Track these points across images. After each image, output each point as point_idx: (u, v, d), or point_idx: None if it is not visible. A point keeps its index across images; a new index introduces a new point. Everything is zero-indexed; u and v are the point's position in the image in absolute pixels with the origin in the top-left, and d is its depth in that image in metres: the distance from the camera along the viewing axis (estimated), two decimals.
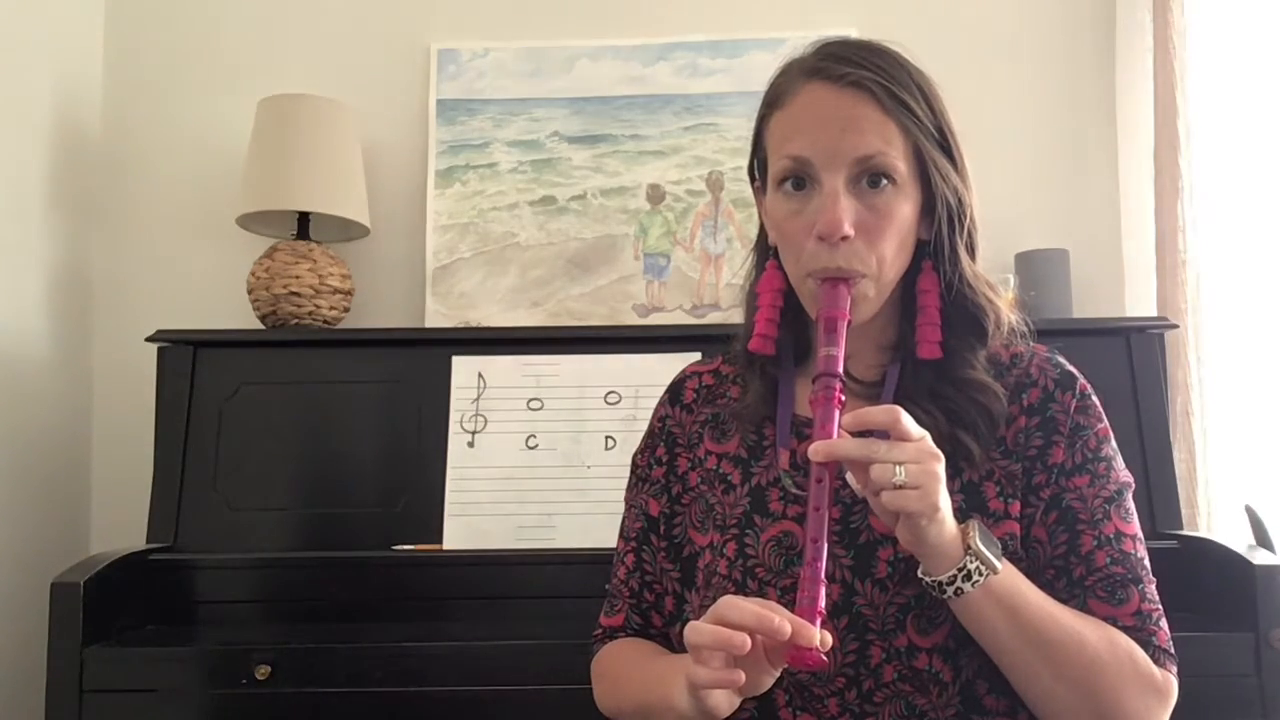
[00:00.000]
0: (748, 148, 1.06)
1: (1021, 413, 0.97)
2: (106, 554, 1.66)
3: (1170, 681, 0.91)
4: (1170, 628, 0.94)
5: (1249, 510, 1.67)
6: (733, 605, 0.80)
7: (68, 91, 2.16)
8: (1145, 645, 0.90)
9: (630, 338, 1.92)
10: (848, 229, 0.92)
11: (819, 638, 0.78)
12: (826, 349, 0.90)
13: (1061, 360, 1.01)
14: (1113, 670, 0.87)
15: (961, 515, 0.88)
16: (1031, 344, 1.02)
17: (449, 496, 1.79)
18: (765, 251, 1.05)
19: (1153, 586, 0.94)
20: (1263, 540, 1.63)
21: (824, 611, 0.81)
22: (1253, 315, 1.94)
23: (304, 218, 2.06)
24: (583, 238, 2.20)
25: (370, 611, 1.69)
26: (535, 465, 1.81)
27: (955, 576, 0.84)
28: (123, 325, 2.14)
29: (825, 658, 0.79)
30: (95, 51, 2.26)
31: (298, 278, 1.99)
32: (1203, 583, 1.59)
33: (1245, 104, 1.98)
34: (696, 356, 1.79)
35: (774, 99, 1.00)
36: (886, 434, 0.83)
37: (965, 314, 0.98)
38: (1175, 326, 1.89)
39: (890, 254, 0.95)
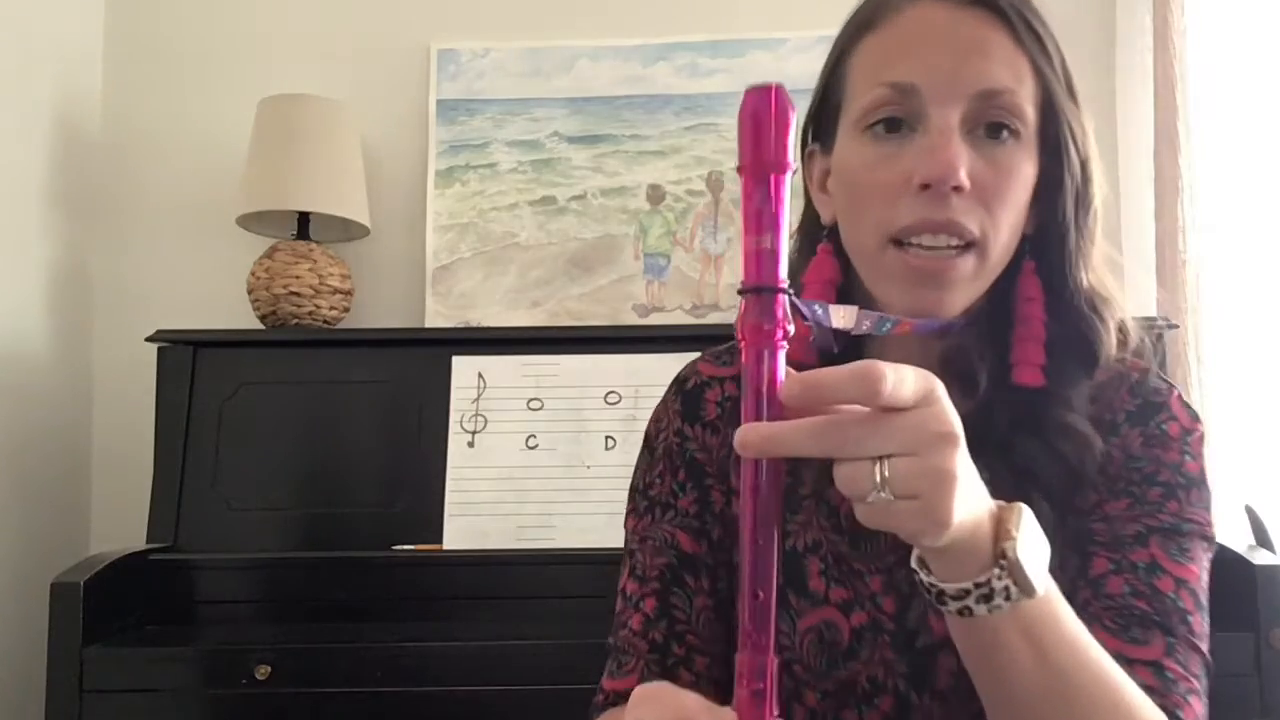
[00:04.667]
0: None
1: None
2: (106, 554, 1.66)
3: None
4: None
5: (1249, 510, 1.67)
6: (649, 706, 0.54)
7: (68, 91, 2.16)
8: (1169, 716, 0.65)
9: (630, 338, 1.92)
10: (963, 177, 0.69)
11: None
12: (755, 237, 0.54)
13: (1173, 405, 0.78)
14: None
15: None
16: (1165, 381, 0.80)
17: (449, 496, 1.78)
18: (815, 236, 0.81)
19: (1197, 659, 0.70)
20: (1263, 540, 1.62)
21: (777, 713, 0.51)
22: (1253, 315, 1.93)
23: (304, 218, 2.06)
24: (583, 238, 2.20)
25: (370, 611, 1.69)
26: (535, 465, 1.81)
27: (968, 592, 0.57)
28: (123, 325, 2.14)
29: None
30: (95, 51, 2.26)
31: (298, 278, 1.99)
32: None
33: (1245, 104, 1.98)
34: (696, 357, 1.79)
35: (865, 21, 0.76)
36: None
37: (1074, 333, 0.76)
38: (1175, 326, 1.88)
39: (1005, 225, 0.72)
